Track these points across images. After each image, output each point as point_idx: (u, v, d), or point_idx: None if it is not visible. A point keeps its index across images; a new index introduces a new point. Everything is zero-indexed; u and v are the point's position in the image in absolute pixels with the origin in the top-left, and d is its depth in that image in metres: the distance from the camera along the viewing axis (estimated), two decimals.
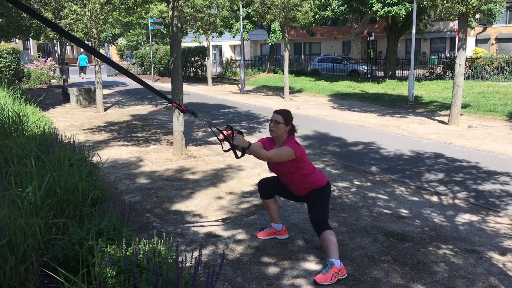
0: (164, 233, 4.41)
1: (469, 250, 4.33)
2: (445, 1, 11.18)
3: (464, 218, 5.22)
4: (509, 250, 4.34)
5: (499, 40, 37.11)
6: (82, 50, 43.22)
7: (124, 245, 3.31)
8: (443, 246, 4.41)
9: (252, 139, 10.08)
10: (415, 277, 3.78)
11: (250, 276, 3.78)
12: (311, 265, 4.00)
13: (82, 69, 30.97)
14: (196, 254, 3.94)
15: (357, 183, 6.62)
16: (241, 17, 25.22)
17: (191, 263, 3.78)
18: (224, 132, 3.65)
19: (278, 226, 4.57)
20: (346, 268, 3.85)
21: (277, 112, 4.11)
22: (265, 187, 4.44)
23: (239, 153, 3.77)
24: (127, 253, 3.30)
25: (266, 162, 4.19)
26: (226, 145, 3.79)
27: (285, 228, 4.65)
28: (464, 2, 10.91)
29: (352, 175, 7.04)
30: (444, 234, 4.71)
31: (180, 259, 3.55)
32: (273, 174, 4.40)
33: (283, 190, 4.36)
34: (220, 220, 5.08)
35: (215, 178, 6.82)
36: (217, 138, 3.74)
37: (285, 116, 4.06)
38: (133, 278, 2.98)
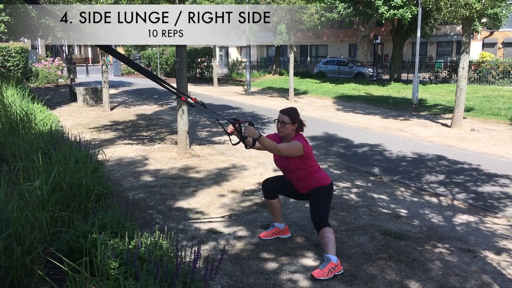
0: (166, 229, 4.52)
1: (464, 249, 4.41)
2: (449, 5, 11.25)
3: (462, 218, 5.30)
4: (504, 250, 4.42)
5: (506, 44, 36.97)
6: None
7: (127, 239, 3.42)
8: (439, 245, 4.50)
9: None
10: (409, 274, 3.87)
11: (249, 271, 3.89)
12: (309, 261, 4.10)
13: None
14: (196, 248, 4.05)
15: (358, 183, 6.71)
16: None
17: (190, 258, 3.89)
18: (230, 127, 3.66)
19: (281, 225, 4.62)
20: (342, 264, 3.94)
21: (283, 112, 4.13)
22: (269, 187, 4.49)
23: (248, 144, 3.80)
24: (130, 246, 3.41)
25: (273, 158, 4.30)
26: (235, 139, 3.81)
27: (288, 227, 4.70)
28: (467, 6, 10.97)
29: (354, 176, 7.13)
30: (440, 234, 4.79)
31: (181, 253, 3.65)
32: (276, 174, 4.48)
33: (287, 188, 4.42)
34: (222, 217, 5.19)
35: (218, 177, 6.93)
36: (225, 131, 3.80)
37: (291, 115, 4.09)
38: (135, 269, 3.10)
